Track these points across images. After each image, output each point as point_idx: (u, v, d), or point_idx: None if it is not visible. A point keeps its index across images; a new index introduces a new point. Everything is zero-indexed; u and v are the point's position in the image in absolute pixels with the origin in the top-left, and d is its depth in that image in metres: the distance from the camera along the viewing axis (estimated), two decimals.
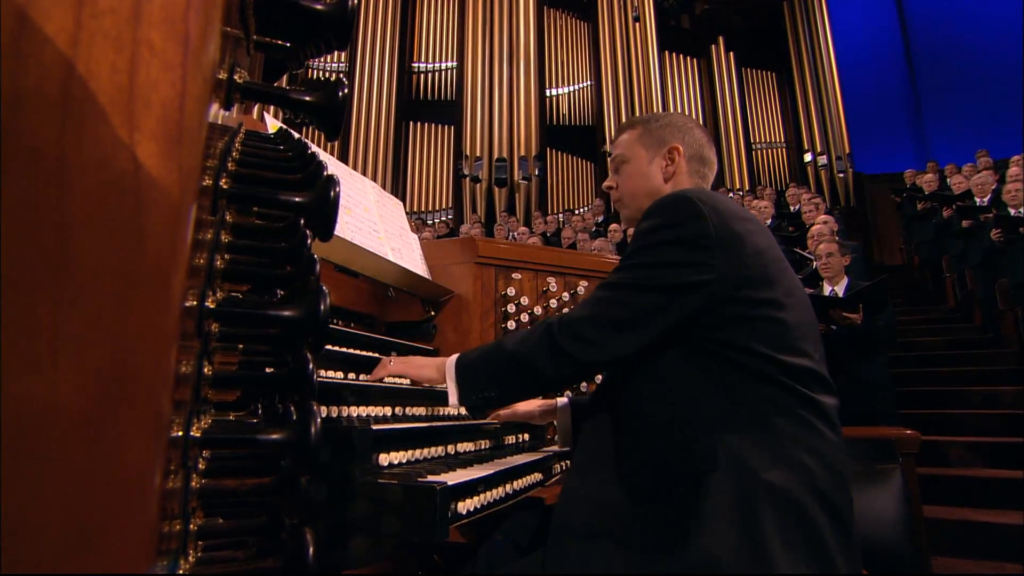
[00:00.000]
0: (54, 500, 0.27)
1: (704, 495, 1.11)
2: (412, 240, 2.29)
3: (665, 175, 1.52)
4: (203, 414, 0.48)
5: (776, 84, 14.08)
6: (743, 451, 1.13)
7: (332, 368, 1.56)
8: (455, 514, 1.18)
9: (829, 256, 4.39)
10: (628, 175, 1.57)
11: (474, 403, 1.41)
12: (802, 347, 1.24)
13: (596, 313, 1.29)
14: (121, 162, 0.28)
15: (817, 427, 1.18)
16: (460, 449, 1.61)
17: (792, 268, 1.40)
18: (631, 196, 1.57)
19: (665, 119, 1.57)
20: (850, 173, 12.58)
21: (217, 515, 0.52)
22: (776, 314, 1.23)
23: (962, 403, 5.31)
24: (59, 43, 0.27)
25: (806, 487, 1.11)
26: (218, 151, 0.52)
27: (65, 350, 0.26)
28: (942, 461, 4.50)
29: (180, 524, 0.42)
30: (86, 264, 0.27)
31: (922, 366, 6.21)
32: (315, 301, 0.49)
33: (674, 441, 1.20)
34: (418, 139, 13.30)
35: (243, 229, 0.57)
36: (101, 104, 0.28)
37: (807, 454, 1.14)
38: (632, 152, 1.56)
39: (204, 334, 0.47)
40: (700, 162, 1.54)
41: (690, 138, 1.54)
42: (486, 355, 1.42)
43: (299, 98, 0.56)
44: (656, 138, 1.54)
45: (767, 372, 1.19)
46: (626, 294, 1.27)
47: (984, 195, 7.17)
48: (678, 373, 1.23)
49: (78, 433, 0.27)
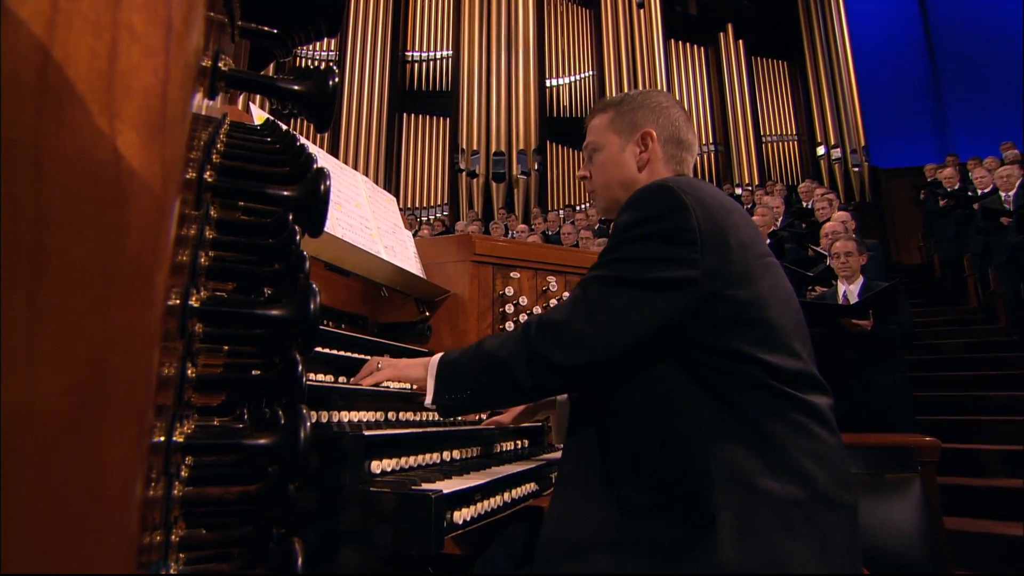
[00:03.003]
0: (29, 508, 0.27)
1: (703, 509, 1.10)
2: (406, 237, 2.29)
3: (639, 163, 1.49)
4: (186, 419, 0.48)
5: (788, 73, 14.10)
6: (739, 461, 1.13)
7: (322, 371, 1.56)
8: (451, 524, 1.19)
9: (848, 255, 4.39)
10: (601, 165, 1.54)
11: (445, 403, 1.38)
12: (791, 346, 1.23)
13: (574, 313, 1.25)
14: (101, 152, 0.28)
15: (813, 430, 1.18)
16: (456, 456, 1.61)
17: (777, 259, 1.38)
18: (604, 187, 1.54)
19: (637, 100, 1.53)
20: (866, 167, 12.60)
21: (200, 525, 0.52)
22: (761, 314, 1.21)
23: (985, 408, 5.31)
24: (35, 27, 0.27)
25: (808, 492, 1.12)
26: (202, 143, 0.52)
27: (42, 350, 0.26)
28: (964, 470, 4.49)
29: (161, 535, 0.42)
30: (64, 259, 0.27)
31: (942, 370, 6.21)
32: (305, 300, 0.49)
33: (665, 454, 1.18)
34: (412, 132, 13.31)
35: (228, 224, 0.57)
36: (80, 91, 0.28)
37: (806, 458, 1.14)
38: (604, 139, 1.53)
39: (187, 334, 0.47)
40: (676, 145, 1.50)
41: (664, 120, 1.50)
42: (466, 353, 1.39)
43: (287, 87, 0.56)
44: (628, 122, 1.51)
45: (757, 377, 1.17)
46: (605, 292, 1.23)
47: (1009, 189, 7.18)
48: (665, 382, 1.21)
49: (55, 438, 0.27)
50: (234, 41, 0.71)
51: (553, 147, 13.11)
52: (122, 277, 0.29)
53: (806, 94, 13.69)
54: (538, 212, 11.41)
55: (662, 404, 1.20)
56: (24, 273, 0.26)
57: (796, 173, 13.16)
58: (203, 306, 0.47)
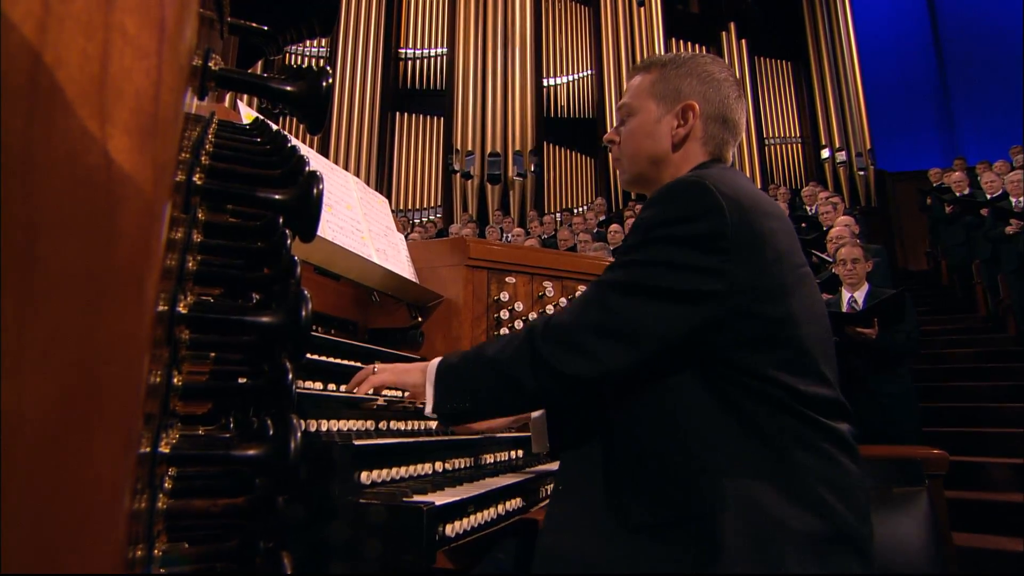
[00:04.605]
0: (14, 521, 0.27)
1: (710, 535, 1.08)
2: (398, 240, 2.29)
3: (675, 138, 1.37)
4: (170, 428, 0.48)
5: (791, 74, 14.17)
6: (757, 491, 1.09)
7: (310, 378, 1.56)
8: (443, 537, 1.18)
9: (855, 262, 4.41)
10: (631, 131, 1.42)
11: (447, 412, 1.34)
12: (820, 370, 1.19)
13: (585, 318, 1.19)
14: (92, 157, 0.29)
15: (839, 460, 1.15)
16: (449, 466, 1.61)
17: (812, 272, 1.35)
18: (631, 158, 1.43)
19: (688, 64, 1.40)
20: (871, 171, 12.66)
21: (184, 539, 0.52)
22: (792, 332, 1.16)
23: (994, 420, 5.33)
24: (26, 29, 0.27)
25: (827, 525, 1.09)
26: (191, 143, 0.52)
27: (30, 358, 0.27)
28: (973, 484, 4.51)
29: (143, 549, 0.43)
30: (54, 266, 0.27)
31: (950, 380, 6.24)
32: (296, 306, 0.49)
33: (672, 471, 1.14)
34: (405, 131, 13.33)
35: (216, 227, 0.57)
36: (71, 95, 0.28)
37: (827, 490, 1.11)
38: (640, 103, 1.41)
39: (174, 341, 0.47)
40: (721, 125, 1.38)
41: (713, 93, 1.38)
42: (466, 359, 1.33)
43: (280, 88, 0.57)
44: (672, 89, 1.39)
45: (784, 400, 1.13)
46: (622, 300, 1.17)
47: (1020, 194, 7.21)
48: (679, 395, 1.16)
49: (43, 449, 0.27)
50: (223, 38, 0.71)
51: (550, 148, 13.14)
52: (113, 284, 0.29)
53: (810, 95, 13.75)
54: (534, 215, 11.42)
55: (674, 417, 1.16)
56: (13, 279, 0.26)
57: (800, 176, 13.21)
58: (191, 312, 0.47)
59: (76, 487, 0.28)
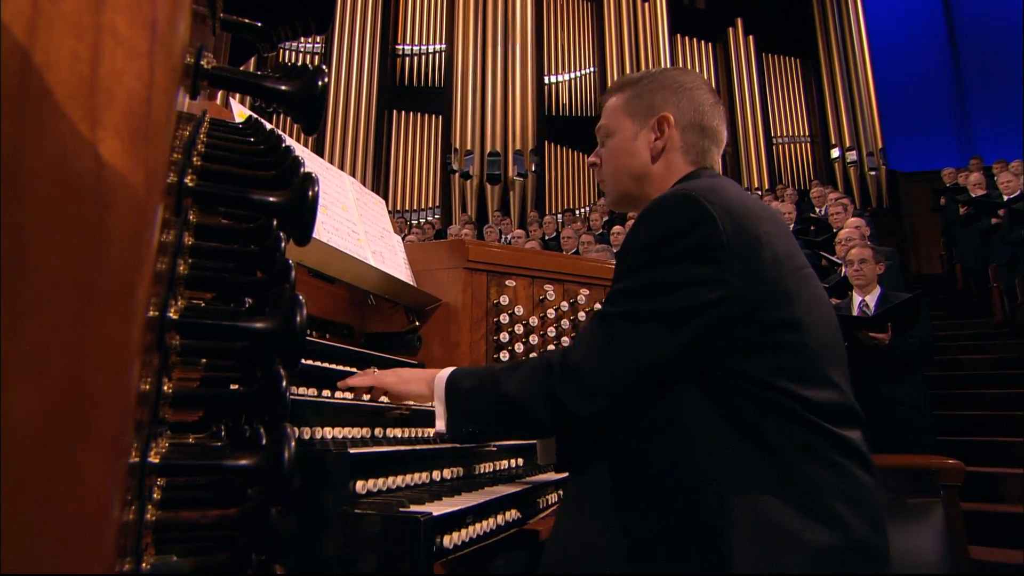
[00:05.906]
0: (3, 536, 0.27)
1: (719, 550, 1.08)
2: (395, 242, 2.29)
3: (653, 151, 1.41)
4: (159, 436, 0.48)
5: (800, 71, 14.18)
6: (766, 504, 1.09)
7: (304, 384, 1.56)
8: (441, 548, 1.19)
9: (863, 263, 4.40)
10: (611, 151, 1.48)
11: (463, 435, 1.37)
12: (829, 376, 1.19)
13: (594, 357, 1.22)
14: (82, 160, 0.29)
15: (852, 471, 1.15)
16: (447, 475, 1.61)
17: (816, 275, 1.36)
18: (613, 177, 1.48)
19: (659, 79, 1.45)
20: (883, 171, 12.66)
21: (173, 551, 0.52)
22: (797, 338, 1.17)
23: (1012, 429, 5.30)
24: (15, 30, 0.27)
25: (841, 539, 1.09)
26: (182, 143, 0.52)
27: (19, 367, 0.27)
28: (990, 495, 4.49)
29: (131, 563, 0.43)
30: (43, 272, 0.27)
31: (965, 387, 6.22)
32: (291, 312, 0.49)
33: (680, 486, 1.15)
34: (402, 130, 13.34)
35: (208, 230, 0.57)
36: (61, 97, 0.28)
37: (841, 503, 1.11)
38: (616, 123, 1.47)
39: (164, 347, 0.47)
40: (699, 133, 1.41)
41: (686, 103, 1.41)
42: (482, 388, 1.35)
43: (275, 88, 0.57)
44: (645, 105, 1.43)
45: (792, 409, 1.13)
46: (627, 331, 1.19)
47: None
48: (686, 408, 1.18)
49: (31, 461, 0.27)
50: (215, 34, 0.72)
51: (552, 147, 13.14)
52: (103, 290, 0.29)
53: (820, 93, 13.76)
54: (535, 216, 11.42)
55: (679, 430, 1.18)
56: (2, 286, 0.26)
57: (808, 176, 13.21)
58: (182, 317, 0.47)
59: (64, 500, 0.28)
